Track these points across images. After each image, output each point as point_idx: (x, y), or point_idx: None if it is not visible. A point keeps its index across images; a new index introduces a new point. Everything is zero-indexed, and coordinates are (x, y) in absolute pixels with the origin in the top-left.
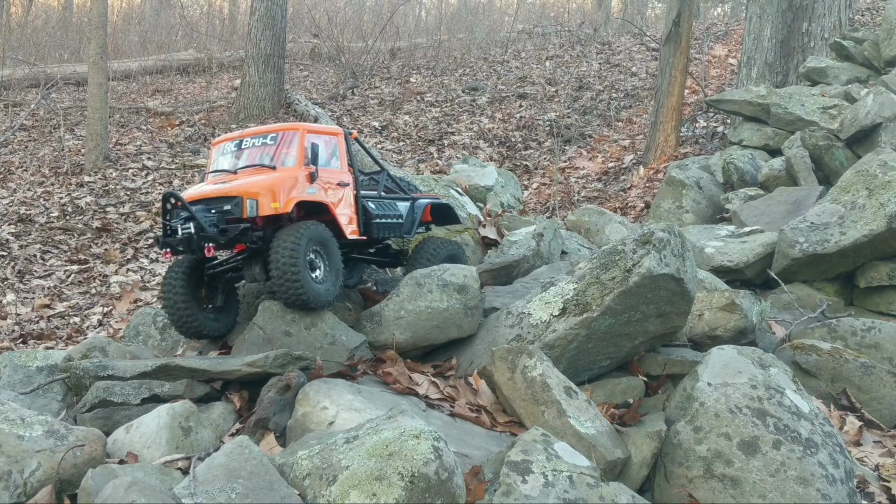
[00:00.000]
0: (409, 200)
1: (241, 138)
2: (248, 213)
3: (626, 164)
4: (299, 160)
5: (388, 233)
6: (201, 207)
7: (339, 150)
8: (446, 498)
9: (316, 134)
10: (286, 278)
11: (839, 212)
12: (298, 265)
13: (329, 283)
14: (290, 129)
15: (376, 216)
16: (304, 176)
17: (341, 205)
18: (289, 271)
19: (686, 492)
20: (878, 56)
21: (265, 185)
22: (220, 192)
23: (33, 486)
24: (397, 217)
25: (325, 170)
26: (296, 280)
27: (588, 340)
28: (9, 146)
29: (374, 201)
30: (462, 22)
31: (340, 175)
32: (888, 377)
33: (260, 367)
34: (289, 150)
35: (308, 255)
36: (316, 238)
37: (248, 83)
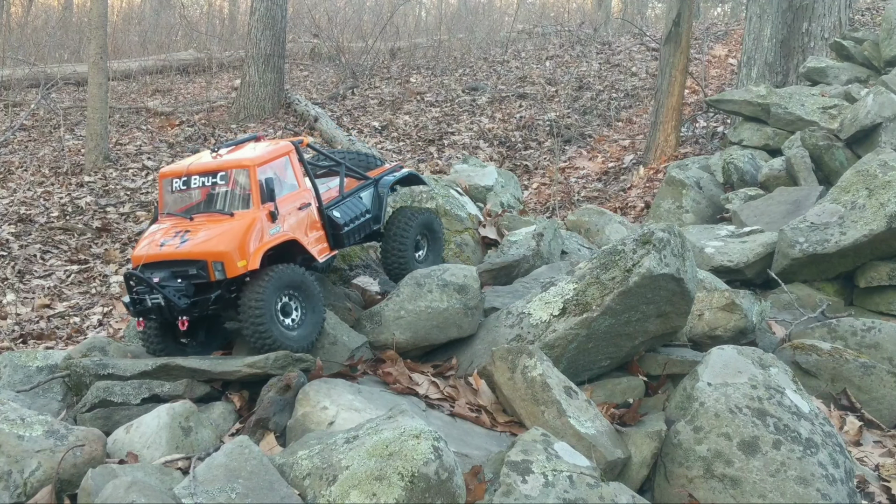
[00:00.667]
0: (373, 184)
1: (189, 175)
2: (215, 277)
3: (626, 164)
4: (255, 200)
5: (359, 235)
6: (165, 274)
7: (292, 169)
8: (446, 498)
9: (267, 164)
10: (254, 331)
11: (839, 212)
12: (265, 318)
13: (307, 327)
14: (239, 167)
15: (344, 224)
16: (265, 217)
17: (307, 230)
18: (256, 323)
19: (686, 492)
20: (878, 56)
21: (229, 242)
22: (182, 253)
23: (33, 486)
24: (364, 214)
25: (284, 198)
26: (264, 333)
27: (588, 340)
28: (9, 146)
29: (339, 208)
30: (462, 22)
31: (300, 196)
32: (888, 377)
33: (260, 367)
34: (243, 191)
35: (279, 302)
36: (286, 283)
37: (248, 83)
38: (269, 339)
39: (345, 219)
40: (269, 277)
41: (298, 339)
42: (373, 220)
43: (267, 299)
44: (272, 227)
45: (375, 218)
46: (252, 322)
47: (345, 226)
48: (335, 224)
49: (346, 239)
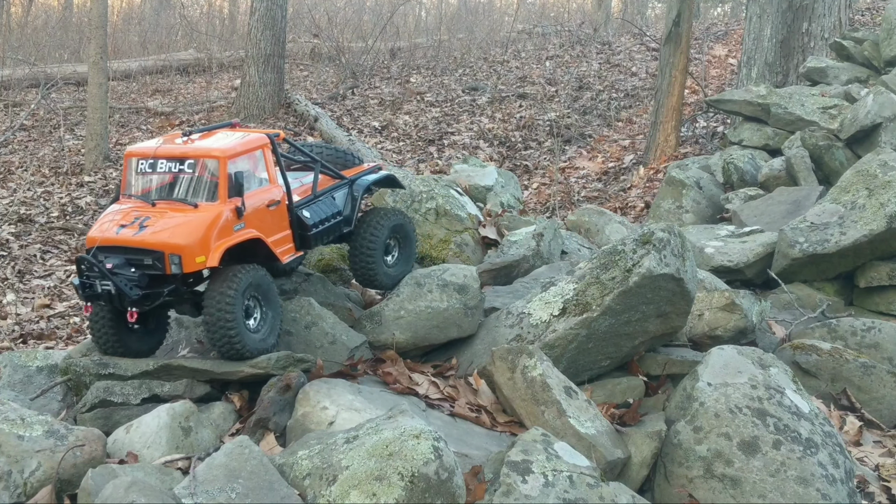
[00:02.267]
0: (347, 185)
1: (156, 158)
2: (171, 270)
3: (626, 164)
4: (222, 194)
5: (327, 237)
6: (119, 261)
7: (265, 163)
8: (446, 498)
9: (239, 157)
10: (222, 333)
11: (839, 212)
12: (235, 318)
13: (265, 331)
14: (209, 157)
15: (313, 226)
16: (230, 213)
17: (274, 230)
18: (225, 325)
19: (686, 492)
20: (878, 56)
21: (189, 235)
22: (139, 241)
23: (33, 486)
24: (336, 215)
25: (252, 193)
26: (233, 335)
27: (588, 340)
28: (9, 146)
29: (309, 207)
30: (462, 22)
31: (269, 193)
32: (888, 377)
33: (262, 368)
34: (210, 182)
35: (245, 303)
36: (252, 284)
37: (248, 83)
38: (237, 341)
39: (314, 219)
40: (240, 276)
41: (260, 342)
42: (344, 223)
43: (238, 300)
44: (237, 224)
45: (347, 220)
46: (222, 326)
47: (314, 227)
48: (304, 224)
49: (313, 241)
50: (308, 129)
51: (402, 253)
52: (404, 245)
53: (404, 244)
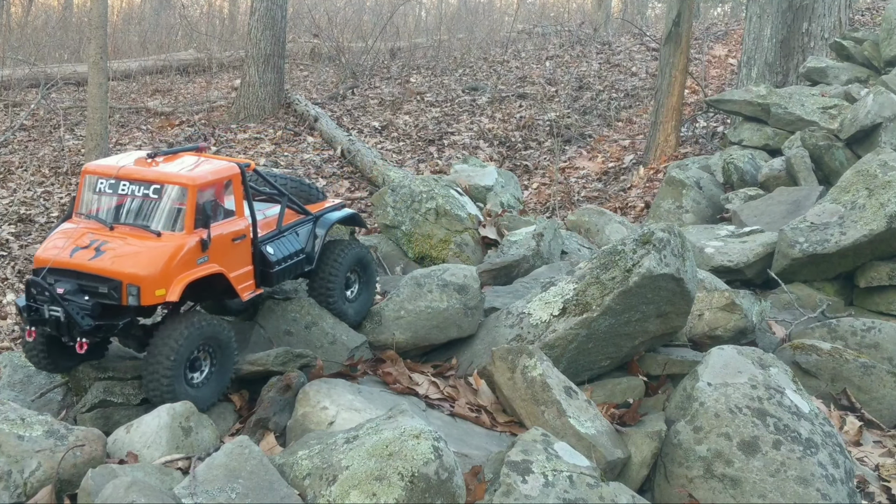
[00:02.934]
0: (312, 221)
1: (118, 179)
2: (128, 302)
3: (626, 164)
4: (188, 224)
5: (289, 275)
6: (71, 286)
7: (234, 194)
8: (446, 498)
9: (208, 187)
10: (157, 384)
11: (839, 212)
12: (173, 372)
13: (210, 386)
14: (178, 183)
15: (276, 263)
16: (195, 244)
17: (237, 265)
18: (161, 377)
19: (686, 492)
20: (878, 56)
21: (150, 265)
22: (96, 267)
23: (33, 486)
24: (298, 253)
25: (219, 225)
26: (167, 387)
27: (588, 340)
28: (9, 146)
29: (273, 243)
30: (462, 22)
31: (235, 225)
32: (888, 377)
33: (262, 365)
34: (175, 210)
35: (191, 356)
36: (205, 336)
37: (248, 83)
38: (170, 396)
39: (278, 256)
40: (190, 330)
41: (201, 399)
42: (306, 261)
43: (181, 356)
44: (200, 257)
45: (309, 258)
46: (157, 373)
47: (276, 264)
48: (267, 261)
49: (275, 278)
50: (308, 129)
51: (363, 286)
52: (365, 278)
53: (365, 277)
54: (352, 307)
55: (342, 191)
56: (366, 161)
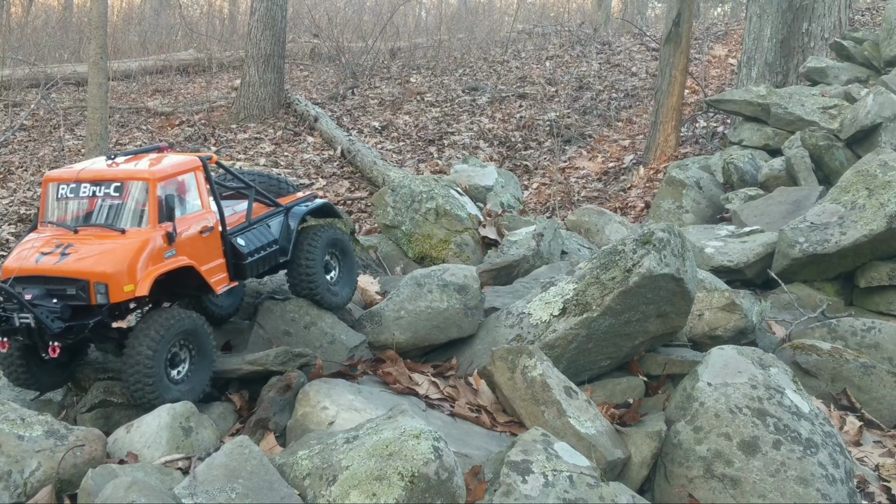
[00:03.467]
0: (283, 212)
1: (79, 182)
2: (96, 301)
3: (626, 164)
4: (152, 218)
5: (264, 266)
6: (39, 292)
7: (197, 188)
8: (446, 498)
9: (169, 179)
10: (139, 383)
11: (839, 212)
12: (154, 370)
13: (192, 381)
14: (138, 178)
15: (248, 254)
16: (161, 238)
17: (206, 257)
18: (142, 375)
19: (686, 492)
20: (878, 56)
21: (116, 262)
22: (61, 270)
23: (33, 486)
24: (271, 244)
25: (184, 218)
26: (149, 385)
27: (588, 340)
28: (9, 146)
29: (244, 235)
30: (462, 22)
31: (202, 219)
32: (888, 377)
33: (261, 364)
34: (138, 206)
35: (171, 351)
36: (182, 331)
37: (248, 83)
38: (154, 394)
39: (250, 248)
40: (169, 323)
41: (182, 394)
42: (280, 252)
43: (161, 351)
44: (168, 251)
45: (283, 249)
46: (138, 373)
47: (249, 255)
48: (238, 253)
49: (249, 270)
50: (308, 129)
51: (343, 268)
52: (344, 260)
53: (344, 259)
54: (336, 290)
55: (342, 191)
56: (366, 161)
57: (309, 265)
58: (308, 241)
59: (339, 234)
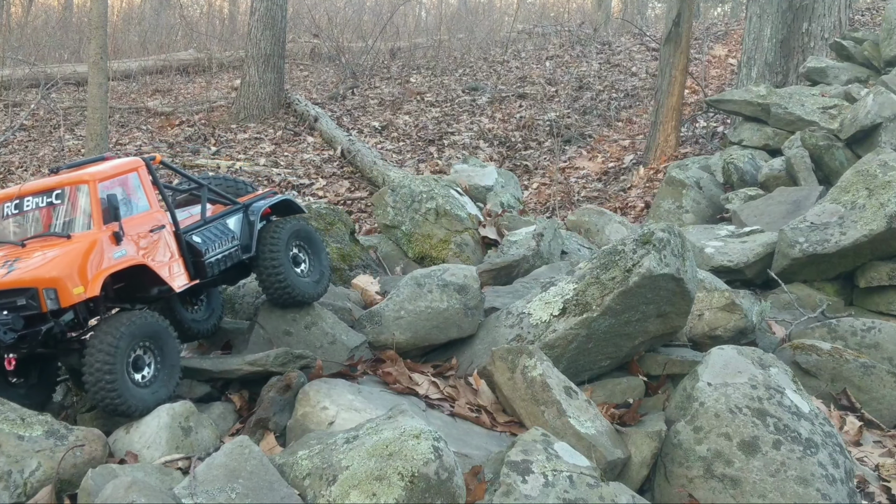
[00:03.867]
0: (241, 210)
1: (21, 197)
2: (47, 307)
3: (626, 164)
4: (97, 220)
5: (225, 264)
6: None
7: (143, 187)
8: (446, 498)
9: (110, 179)
10: (100, 387)
11: (839, 212)
12: (115, 373)
13: (159, 384)
14: (77, 182)
15: (206, 251)
16: (108, 239)
17: (160, 255)
18: (103, 379)
19: (686, 492)
20: (878, 56)
21: (63, 266)
22: (9, 281)
23: (33, 486)
24: (231, 240)
25: (132, 219)
26: (112, 390)
27: (588, 340)
28: (9, 146)
29: (199, 233)
30: (462, 22)
31: (151, 218)
32: (888, 377)
33: (261, 365)
34: (82, 210)
35: (132, 354)
36: (143, 332)
37: (248, 83)
38: (117, 397)
39: (207, 245)
40: (126, 324)
41: (149, 397)
42: (242, 249)
43: (120, 352)
44: (117, 251)
45: (245, 247)
46: (99, 379)
47: (206, 252)
48: (195, 250)
49: (209, 268)
50: (308, 129)
51: (313, 259)
52: (313, 251)
53: (312, 250)
54: (308, 282)
55: (342, 191)
56: (366, 161)
57: (275, 261)
58: (270, 236)
59: (302, 225)
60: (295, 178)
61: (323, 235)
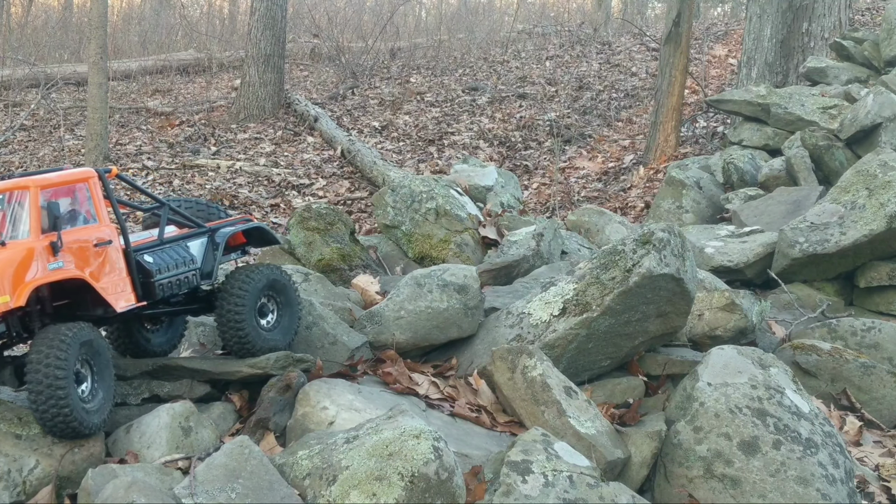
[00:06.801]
0: (206, 234)
1: None
2: None
3: (626, 164)
4: (34, 228)
5: (179, 288)
6: None
7: (92, 200)
8: (446, 498)
9: (54, 188)
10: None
11: (839, 212)
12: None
13: (98, 402)
14: (18, 188)
15: (157, 271)
16: (44, 248)
17: (104, 272)
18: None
19: (686, 492)
20: (878, 56)
21: None
22: None
23: (32, 485)
24: (188, 263)
25: (75, 230)
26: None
27: (588, 340)
28: (9, 146)
29: (152, 252)
30: (462, 22)
31: (97, 231)
32: (888, 377)
33: (261, 368)
34: (19, 217)
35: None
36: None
37: (248, 83)
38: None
39: (159, 265)
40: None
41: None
42: (203, 275)
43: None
44: (52, 262)
45: (206, 273)
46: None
47: (158, 273)
48: (145, 270)
49: (159, 289)
50: (308, 129)
51: (282, 313)
52: (284, 304)
53: (284, 303)
54: (270, 336)
55: (342, 191)
56: (366, 161)
57: (238, 309)
58: (239, 283)
59: (278, 275)
60: (295, 178)
61: (323, 235)
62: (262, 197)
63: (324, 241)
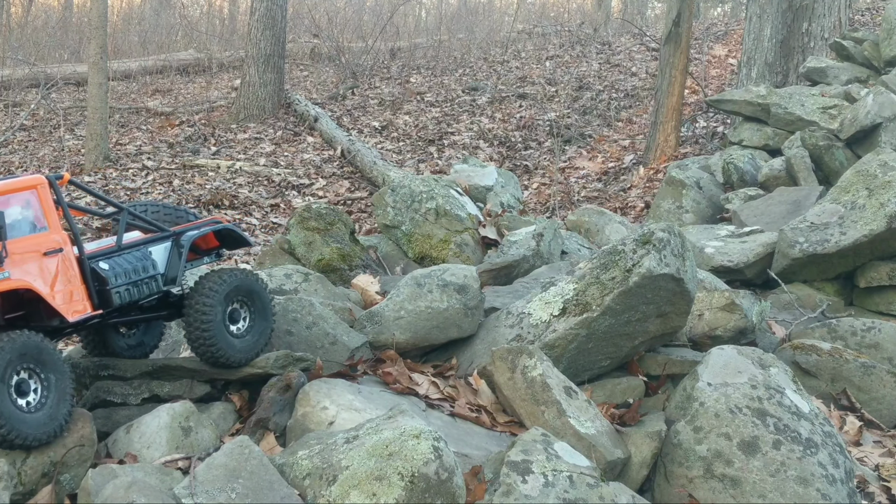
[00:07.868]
0: (170, 238)
1: None
2: None
3: (626, 164)
4: None
5: (139, 293)
6: None
7: (41, 207)
8: (446, 498)
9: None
10: None
11: (839, 212)
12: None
13: (48, 409)
14: None
15: (114, 278)
16: None
17: (54, 280)
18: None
19: (686, 492)
20: (878, 56)
21: None
22: None
23: (28, 475)
24: (149, 270)
25: (23, 239)
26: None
27: (588, 340)
28: (9, 146)
29: (110, 259)
30: (462, 22)
31: (47, 240)
32: (888, 377)
33: (261, 367)
34: None
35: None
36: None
37: (248, 83)
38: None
39: (115, 272)
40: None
41: (41, 423)
42: (166, 281)
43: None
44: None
45: (170, 279)
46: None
47: (114, 279)
48: (100, 278)
49: (116, 297)
50: (308, 129)
51: (255, 319)
52: (256, 310)
53: (256, 309)
54: (240, 343)
55: (342, 191)
56: (366, 161)
57: (206, 315)
58: (207, 287)
59: (250, 281)
60: (295, 178)
61: (323, 235)
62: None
63: (324, 241)
